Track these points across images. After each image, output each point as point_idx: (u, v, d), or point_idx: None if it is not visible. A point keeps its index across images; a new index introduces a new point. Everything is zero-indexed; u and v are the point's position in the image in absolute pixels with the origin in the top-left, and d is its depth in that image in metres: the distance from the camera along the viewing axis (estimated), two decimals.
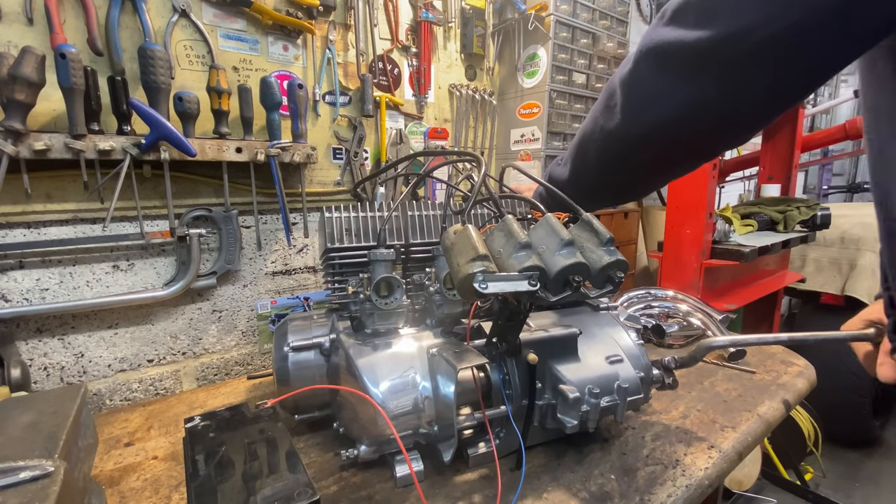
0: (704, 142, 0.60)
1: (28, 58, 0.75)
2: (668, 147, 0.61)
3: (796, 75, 0.47)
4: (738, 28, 0.46)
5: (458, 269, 0.56)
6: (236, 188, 1.08)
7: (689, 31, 0.49)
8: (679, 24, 0.51)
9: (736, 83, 0.49)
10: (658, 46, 0.54)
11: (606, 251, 0.62)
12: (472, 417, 0.68)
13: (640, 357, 0.78)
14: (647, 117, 0.58)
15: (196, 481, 0.58)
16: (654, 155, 0.64)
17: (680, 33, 0.50)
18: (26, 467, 0.47)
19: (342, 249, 0.80)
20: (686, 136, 0.58)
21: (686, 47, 0.50)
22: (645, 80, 0.56)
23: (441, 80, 1.45)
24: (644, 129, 0.59)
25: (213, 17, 1.02)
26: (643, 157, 0.65)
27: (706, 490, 0.69)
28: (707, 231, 1.67)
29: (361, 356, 0.70)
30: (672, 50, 0.52)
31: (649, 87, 0.56)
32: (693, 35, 0.49)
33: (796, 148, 2.01)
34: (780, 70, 0.47)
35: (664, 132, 0.58)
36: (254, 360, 1.19)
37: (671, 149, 0.61)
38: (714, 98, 0.52)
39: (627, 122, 0.61)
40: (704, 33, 0.48)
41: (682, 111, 0.54)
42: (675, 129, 0.57)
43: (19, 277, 0.89)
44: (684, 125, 0.56)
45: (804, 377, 1.03)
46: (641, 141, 0.61)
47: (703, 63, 0.50)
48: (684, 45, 0.50)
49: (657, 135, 0.59)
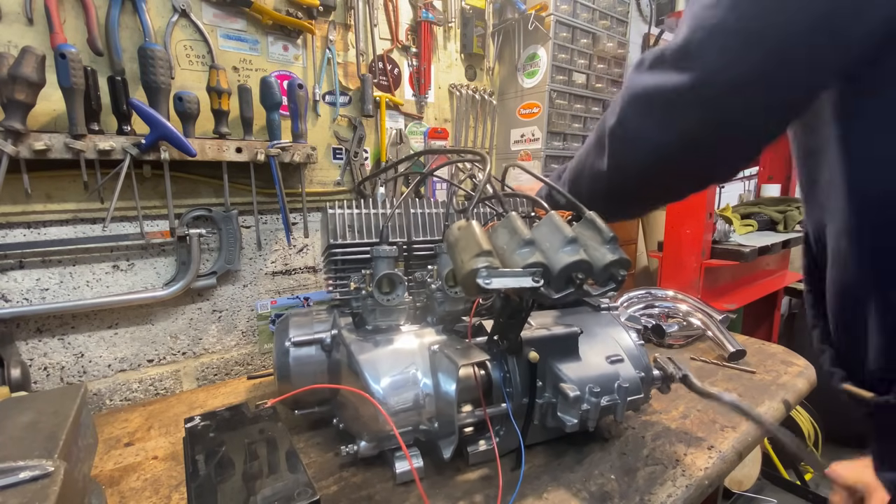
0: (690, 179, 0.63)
1: (28, 58, 0.75)
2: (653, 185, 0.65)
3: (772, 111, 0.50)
4: (711, 70, 0.49)
5: (461, 264, 0.56)
6: (236, 188, 1.08)
7: (668, 76, 0.53)
8: (660, 70, 0.54)
9: (716, 122, 0.52)
10: (640, 91, 0.57)
11: (609, 249, 0.62)
12: (473, 415, 0.68)
13: (641, 357, 0.79)
14: (632, 160, 0.62)
15: (196, 481, 0.58)
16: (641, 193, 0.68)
17: (660, 78, 0.54)
18: (26, 467, 0.47)
19: (345, 246, 0.80)
20: (671, 176, 0.62)
21: (666, 90, 0.53)
22: (629, 125, 0.60)
23: (441, 80, 1.45)
24: (630, 171, 0.63)
25: (213, 17, 1.02)
26: (631, 196, 0.69)
27: (706, 490, 0.69)
28: (707, 231, 1.67)
29: (363, 352, 0.70)
30: (653, 94, 0.55)
31: (634, 132, 0.60)
32: (672, 79, 0.52)
33: None
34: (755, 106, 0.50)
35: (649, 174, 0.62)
36: (254, 360, 1.19)
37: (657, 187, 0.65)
38: (697, 137, 0.54)
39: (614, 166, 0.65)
40: (683, 76, 0.51)
41: (665, 152, 0.58)
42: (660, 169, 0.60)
43: (19, 277, 0.89)
44: (669, 166, 0.59)
45: (804, 377, 1.03)
46: (627, 181, 0.65)
47: (684, 105, 0.53)
48: (665, 88, 0.53)
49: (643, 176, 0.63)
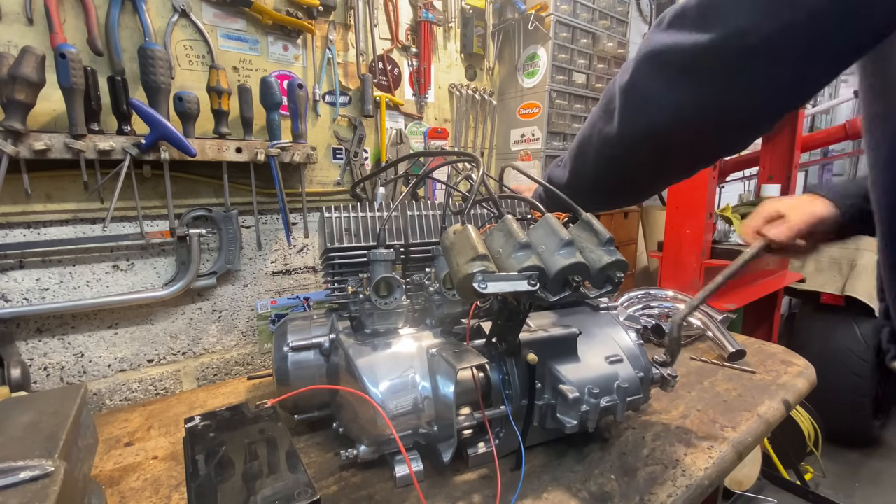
0: (701, 146, 0.60)
1: (28, 58, 0.75)
2: (664, 150, 0.61)
3: (792, 78, 0.48)
4: (735, 30, 0.46)
5: (457, 269, 0.56)
6: (236, 188, 1.08)
7: (687, 35, 0.50)
8: (678, 29, 0.52)
9: (734, 85, 0.50)
10: (657, 50, 0.54)
11: (606, 251, 0.62)
12: (472, 417, 0.68)
13: (640, 357, 0.78)
14: (644, 120, 0.59)
15: (196, 481, 0.58)
16: (652, 158, 0.64)
17: (678, 37, 0.51)
18: (26, 467, 0.47)
19: (342, 249, 0.80)
20: (683, 140, 0.58)
21: (684, 50, 0.51)
22: (644, 83, 0.57)
23: (441, 80, 1.45)
24: (642, 132, 0.60)
25: (213, 17, 1.02)
26: (641, 161, 0.65)
27: (706, 490, 0.69)
28: (707, 231, 1.67)
29: (361, 356, 0.70)
30: (671, 53, 0.53)
31: (648, 91, 0.57)
32: (691, 38, 0.50)
33: (796, 148, 2.01)
34: (776, 72, 0.47)
35: (662, 135, 0.58)
36: (254, 360, 1.19)
37: (668, 152, 0.62)
38: (712, 100, 0.52)
39: (625, 125, 0.61)
40: (703, 36, 0.48)
41: (680, 114, 0.55)
42: (673, 132, 0.57)
43: (19, 277, 0.89)
44: (682, 128, 0.56)
45: (804, 377, 1.03)
46: (639, 145, 0.62)
47: (702, 65, 0.50)
48: (683, 48, 0.51)
49: (655, 138, 0.59)
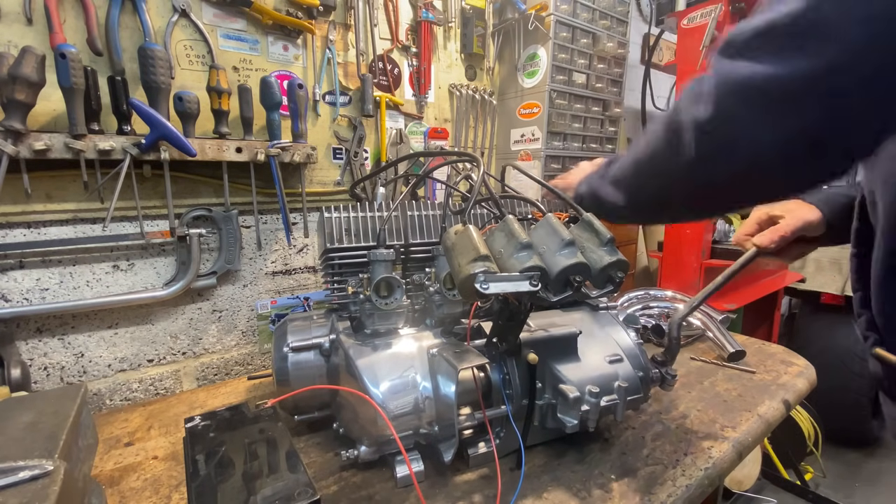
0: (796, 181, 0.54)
1: (28, 58, 0.75)
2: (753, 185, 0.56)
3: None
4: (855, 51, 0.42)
5: (459, 269, 0.56)
6: (236, 188, 1.08)
7: (779, 66, 0.45)
8: (766, 53, 0.47)
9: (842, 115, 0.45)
10: (748, 81, 0.49)
11: (607, 251, 0.62)
12: (473, 417, 0.68)
13: (640, 357, 0.78)
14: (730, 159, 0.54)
15: (196, 481, 0.58)
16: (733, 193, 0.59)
17: (768, 68, 0.46)
18: (26, 467, 0.47)
19: (342, 250, 0.80)
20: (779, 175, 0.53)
21: (785, 79, 0.45)
22: (736, 121, 0.51)
23: (441, 79, 1.45)
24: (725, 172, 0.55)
25: (213, 17, 1.02)
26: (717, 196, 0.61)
27: (706, 490, 0.69)
28: (707, 231, 1.67)
29: (361, 356, 0.70)
30: (765, 87, 0.47)
31: (742, 129, 0.51)
32: (786, 69, 0.45)
33: None
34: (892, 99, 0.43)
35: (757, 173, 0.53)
36: (254, 360, 1.19)
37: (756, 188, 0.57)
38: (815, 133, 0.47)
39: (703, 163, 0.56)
40: (810, 61, 0.44)
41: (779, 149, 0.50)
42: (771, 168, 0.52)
43: (19, 277, 0.89)
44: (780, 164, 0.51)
45: (804, 377, 1.03)
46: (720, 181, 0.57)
47: (802, 97, 0.45)
48: (779, 79, 0.45)
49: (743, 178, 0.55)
